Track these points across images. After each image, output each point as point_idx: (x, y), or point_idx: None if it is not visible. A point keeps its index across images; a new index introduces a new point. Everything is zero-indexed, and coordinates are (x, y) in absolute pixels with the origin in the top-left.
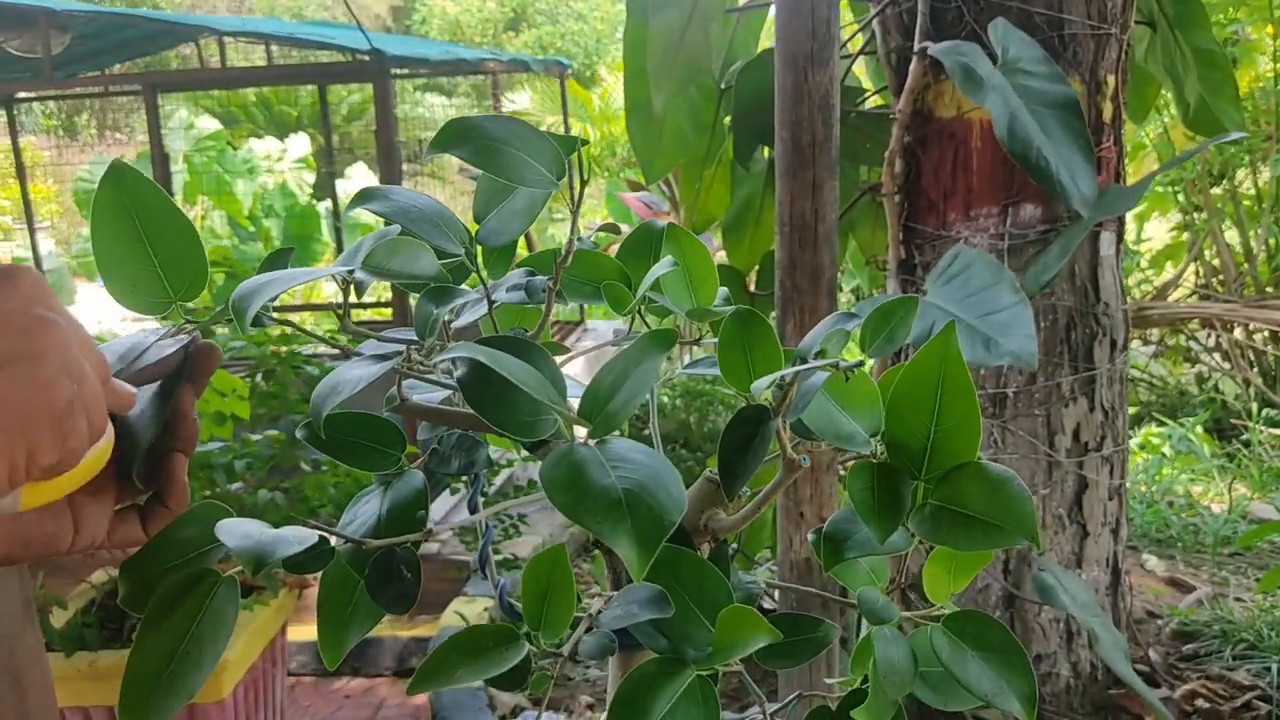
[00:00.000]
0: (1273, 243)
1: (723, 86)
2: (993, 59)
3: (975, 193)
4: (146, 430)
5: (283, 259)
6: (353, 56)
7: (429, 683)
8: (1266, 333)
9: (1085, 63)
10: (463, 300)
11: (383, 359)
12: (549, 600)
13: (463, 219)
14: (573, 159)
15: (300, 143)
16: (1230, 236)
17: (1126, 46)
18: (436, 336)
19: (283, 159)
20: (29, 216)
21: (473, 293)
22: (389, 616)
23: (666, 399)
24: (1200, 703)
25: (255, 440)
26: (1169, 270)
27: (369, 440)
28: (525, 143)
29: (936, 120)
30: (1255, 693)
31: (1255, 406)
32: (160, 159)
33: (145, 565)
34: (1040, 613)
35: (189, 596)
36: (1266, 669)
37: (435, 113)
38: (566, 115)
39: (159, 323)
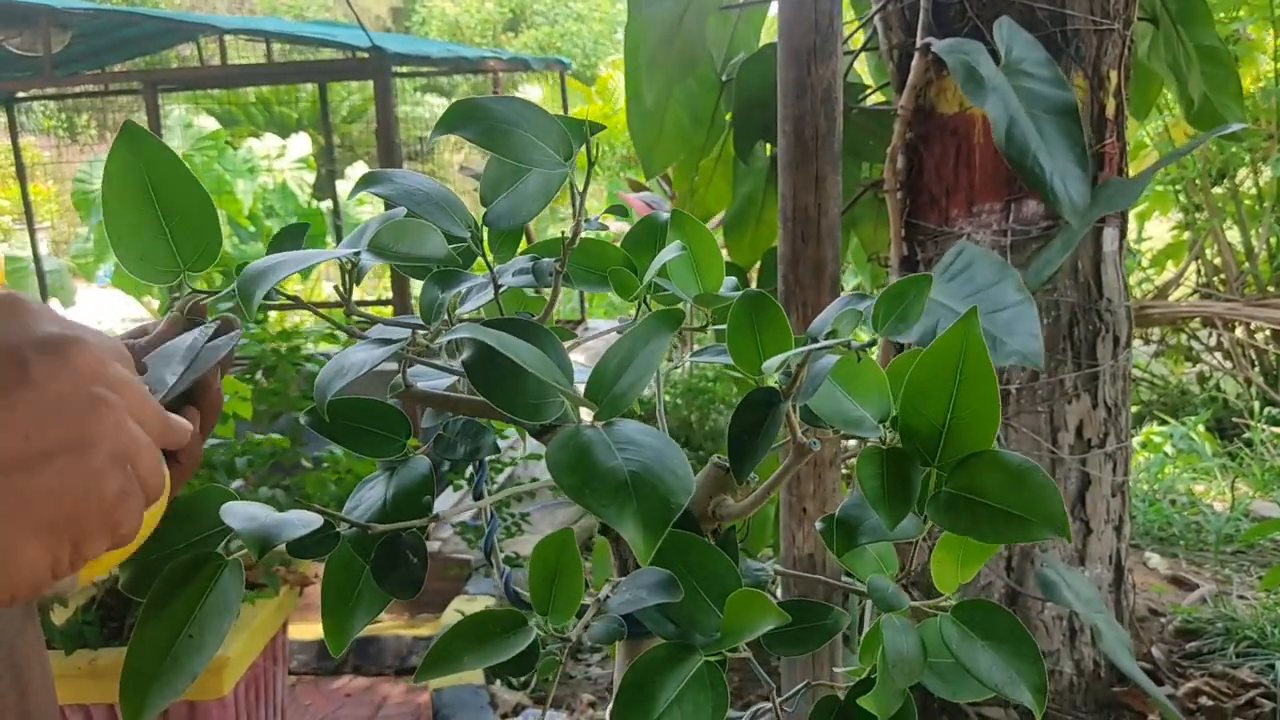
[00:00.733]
0: (1274, 241)
1: (724, 79)
2: (996, 57)
3: (978, 188)
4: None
5: (293, 237)
6: (353, 54)
7: (435, 670)
8: (1268, 331)
9: (1088, 58)
10: (469, 284)
11: (388, 343)
12: (557, 583)
13: None
14: (588, 144)
15: (300, 142)
16: (1231, 235)
17: (1129, 42)
18: (442, 321)
19: (283, 157)
20: (29, 217)
21: (479, 277)
22: (390, 615)
23: (668, 397)
24: (1204, 700)
25: (258, 439)
26: (1170, 269)
27: (373, 426)
28: (533, 124)
29: (939, 116)
30: (1259, 690)
31: (1257, 405)
32: None
33: (147, 551)
34: (1043, 610)
35: (193, 580)
36: (1270, 666)
37: (435, 112)
38: (567, 114)
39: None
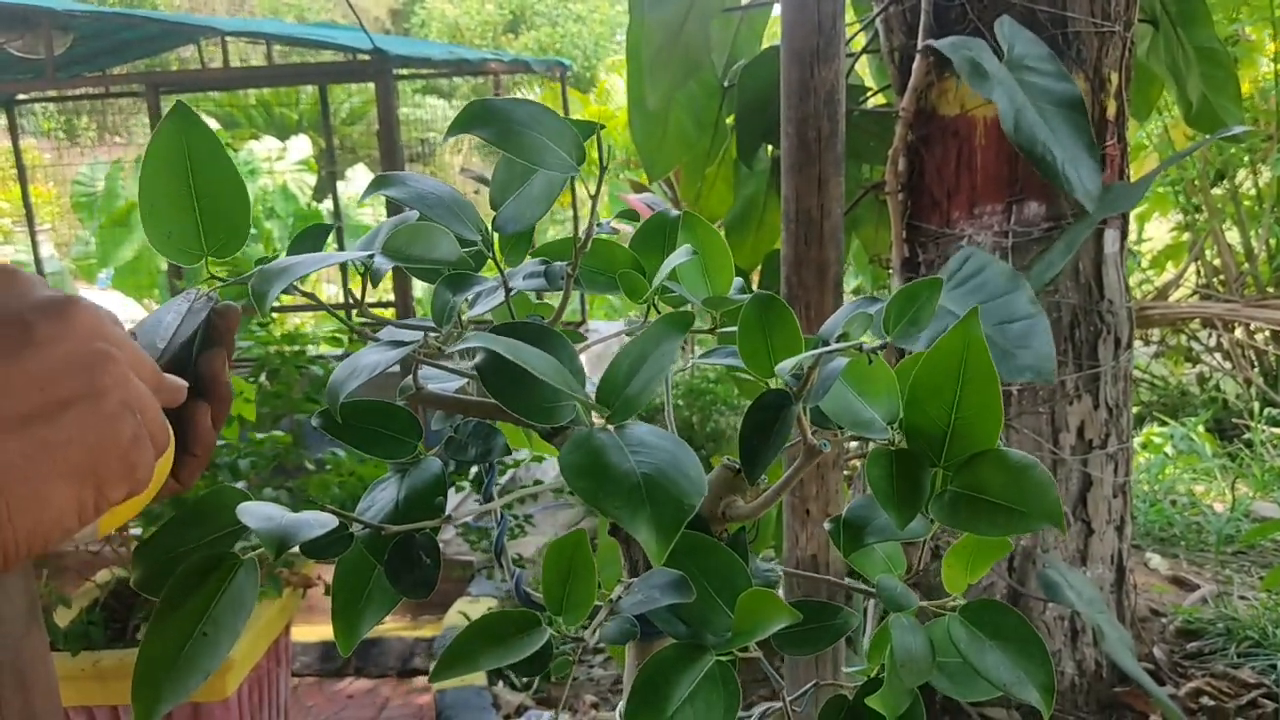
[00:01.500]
0: (1273, 242)
1: (726, 84)
2: (998, 56)
3: (979, 190)
4: None
5: (314, 238)
6: (354, 56)
7: (452, 670)
8: (1267, 332)
9: (1089, 60)
10: (480, 288)
11: (400, 345)
12: (570, 584)
13: None
14: (600, 146)
15: (300, 145)
16: (1231, 236)
17: (1130, 44)
18: (454, 324)
19: (283, 159)
20: (29, 219)
21: (490, 280)
22: (393, 617)
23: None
24: (1205, 700)
25: (260, 438)
26: (1170, 270)
27: (384, 428)
28: (547, 127)
29: (940, 118)
30: (1260, 690)
31: (1257, 406)
32: None
33: (159, 549)
34: (1045, 610)
35: (208, 579)
36: (1271, 666)
37: (435, 114)
38: (567, 116)
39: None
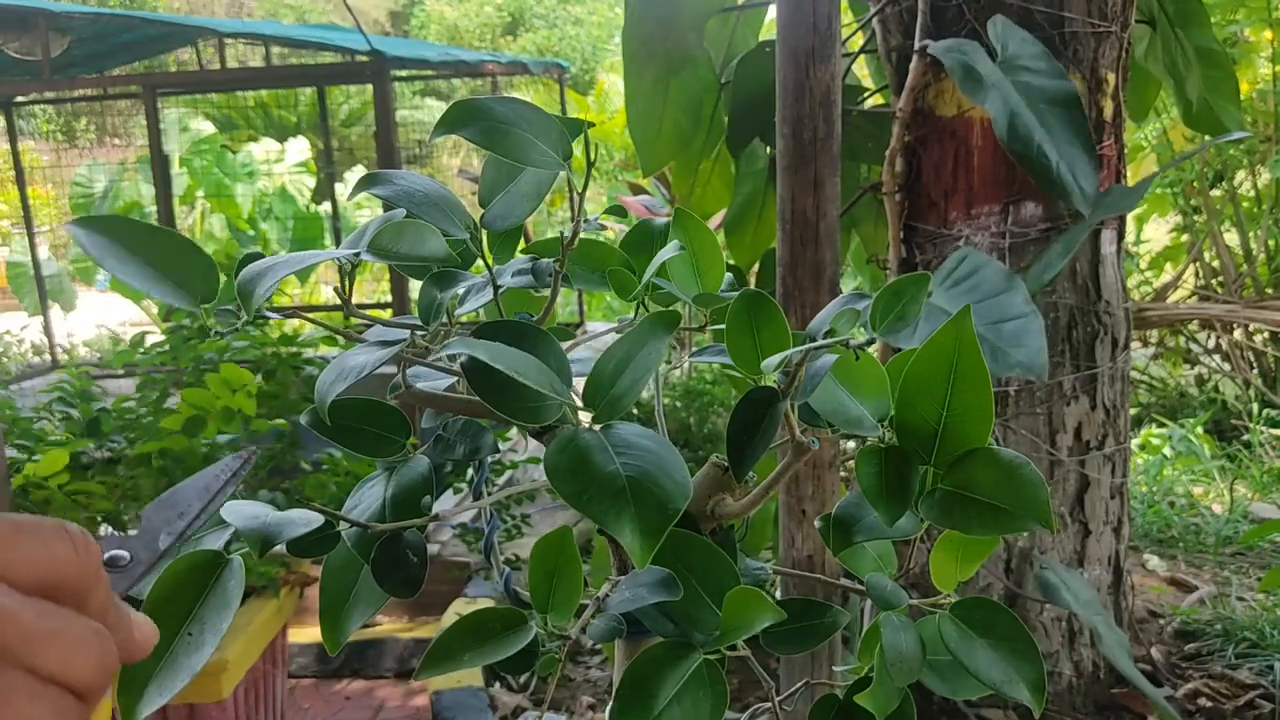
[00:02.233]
0: (1272, 244)
1: (723, 81)
2: (992, 56)
3: (976, 191)
4: None
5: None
6: (352, 58)
7: (436, 667)
8: (1266, 334)
9: (1086, 60)
10: (468, 285)
11: (387, 345)
12: (556, 582)
13: None
14: (587, 144)
15: (299, 146)
16: (1230, 238)
17: (1127, 44)
18: (441, 322)
19: (281, 161)
20: (28, 221)
21: (478, 277)
22: (390, 618)
23: (667, 399)
24: (1203, 701)
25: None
26: (1168, 272)
27: (372, 426)
28: (532, 124)
29: (937, 119)
30: (1258, 691)
31: (1255, 407)
32: (160, 162)
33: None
34: (1042, 612)
35: (193, 578)
36: (1269, 667)
37: (434, 116)
38: (564, 116)
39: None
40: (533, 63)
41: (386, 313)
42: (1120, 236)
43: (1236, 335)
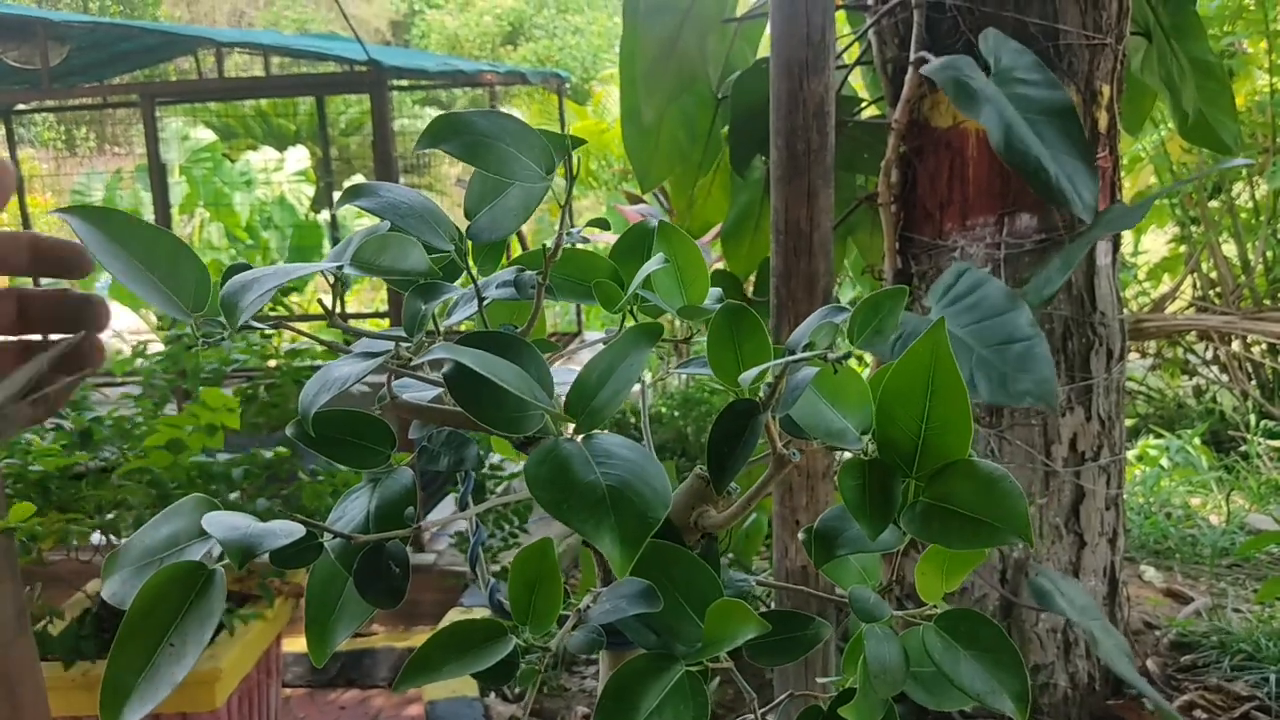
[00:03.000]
0: (1270, 255)
1: (720, 96)
2: (986, 70)
3: (971, 202)
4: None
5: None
6: (351, 68)
7: (416, 678)
8: (1264, 345)
9: (1080, 73)
10: (454, 297)
11: (371, 356)
12: (536, 593)
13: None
14: (569, 158)
15: (298, 155)
16: (1227, 249)
17: (1122, 56)
18: (426, 333)
19: (280, 170)
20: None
21: (463, 289)
22: (385, 628)
23: (665, 409)
24: (1199, 714)
25: (251, 454)
26: (1166, 283)
27: (357, 438)
28: (516, 138)
29: (932, 130)
30: (1253, 703)
31: (1253, 418)
32: (158, 170)
33: (130, 559)
34: (1038, 623)
35: (173, 590)
36: (1264, 679)
37: None
38: (564, 128)
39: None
40: (532, 72)
41: (384, 322)
42: (1115, 248)
43: (1234, 346)
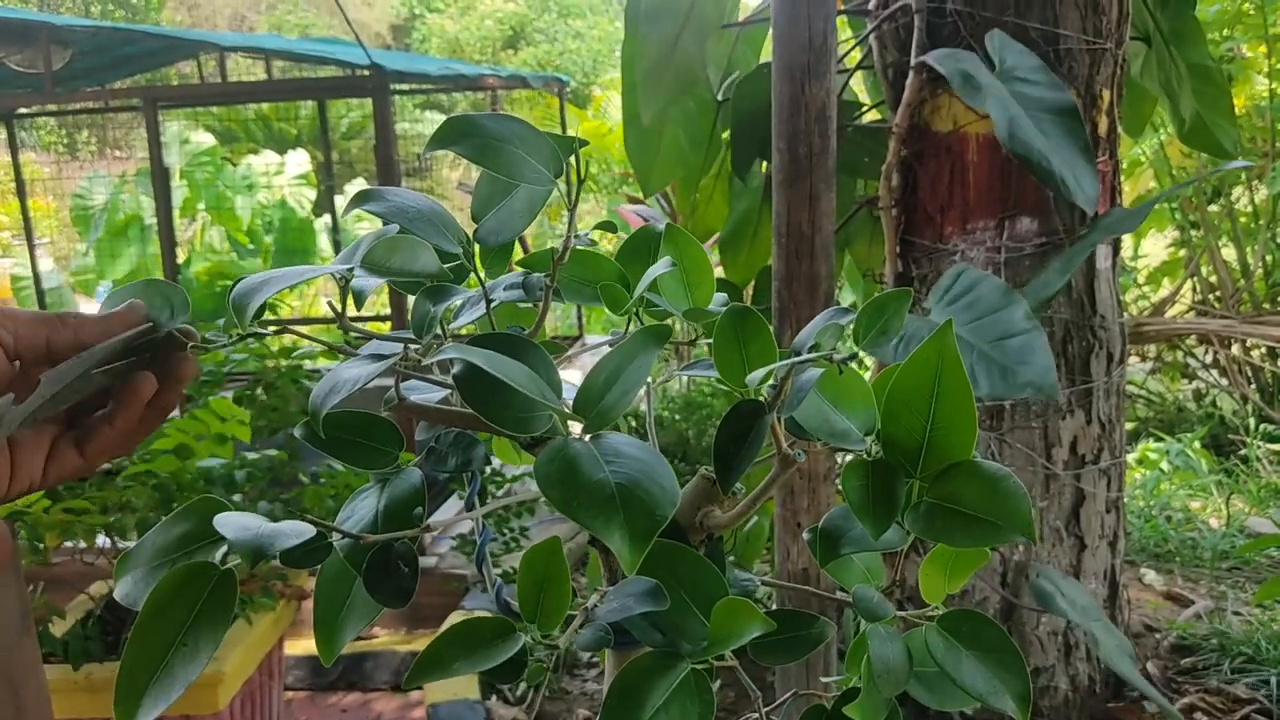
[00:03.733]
0: (1269, 259)
1: (721, 100)
2: (990, 69)
3: (972, 206)
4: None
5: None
6: (352, 72)
7: (426, 675)
8: (1264, 349)
9: (1080, 77)
10: (460, 299)
11: (380, 358)
12: (545, 592)
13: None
14: (578, 160)
15: (299, 159)
16: (1227, 253)
17: (1122, 61)
18: (434, 336)
19: (281, 174)
20: (29, 233)
21: (471, 292)
22: (387, 631)
23: (666, 412)
24: (1199, 716)
25: (255, 456)
26: (1166, 286)
27: (366, 439)
28: (524, 141)
29: (933, 134)
30: (1254, 706)
31: (1253, 422)
32: (160, 174)
33: (142, 560)
34: (1039, 625)
35: (186, 590)
36: (1265, 682)
37: (433, 129)
38: (565, 132)
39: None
40: (533, 76)
41: (385, 325)
42: (1115, 252)
43: (1234, 350)
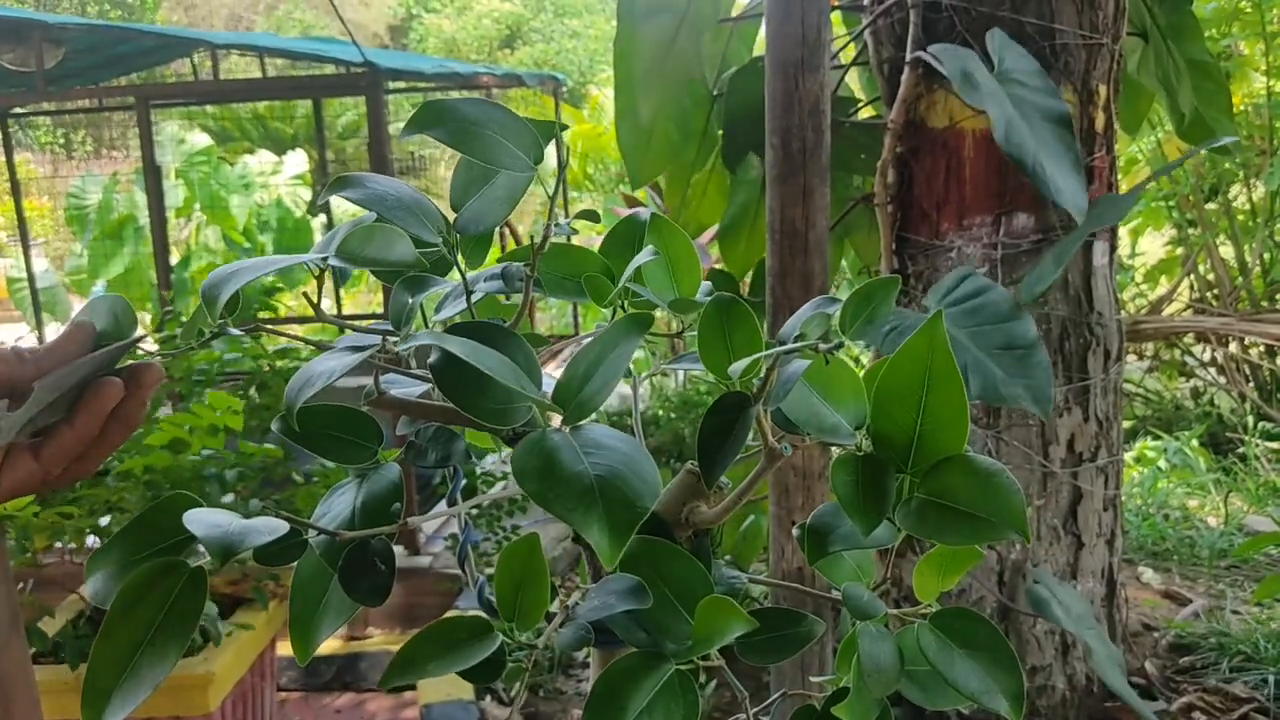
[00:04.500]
0: (1267, 257)
1: (715, 94)
2: (988, 67)
3: (968, 202)
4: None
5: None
6: (347, 70)
7: (401, 675)
8: (1261, 347)
9: (1077, 72)
10: (440, 289)
11: (357, 350)
12: (523, 590)
13: None
14: (560, 146)
15: (296, 159)
16: (1225, 251)
17: (1119, 57)
18: (412, 328)
19: (278, 173)
20: (23, 233)
21: (450, 282)
22: (381, 632)
23: (661, 411)
24: (1197, 715)
25: (250, 449)
26: (1163, 285)
27: (343, 433)
28: (503, 126)
29: (929, 130)
30: (1252, 705)
31: (1251, 420)
32: (153, 173)
33: (113, 558)
34: (1035, 625)
35: (155, 588)
36: (1263, 681)
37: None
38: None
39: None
40: (528, 75)
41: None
42: (1112, 248)
43: (1232, 348)
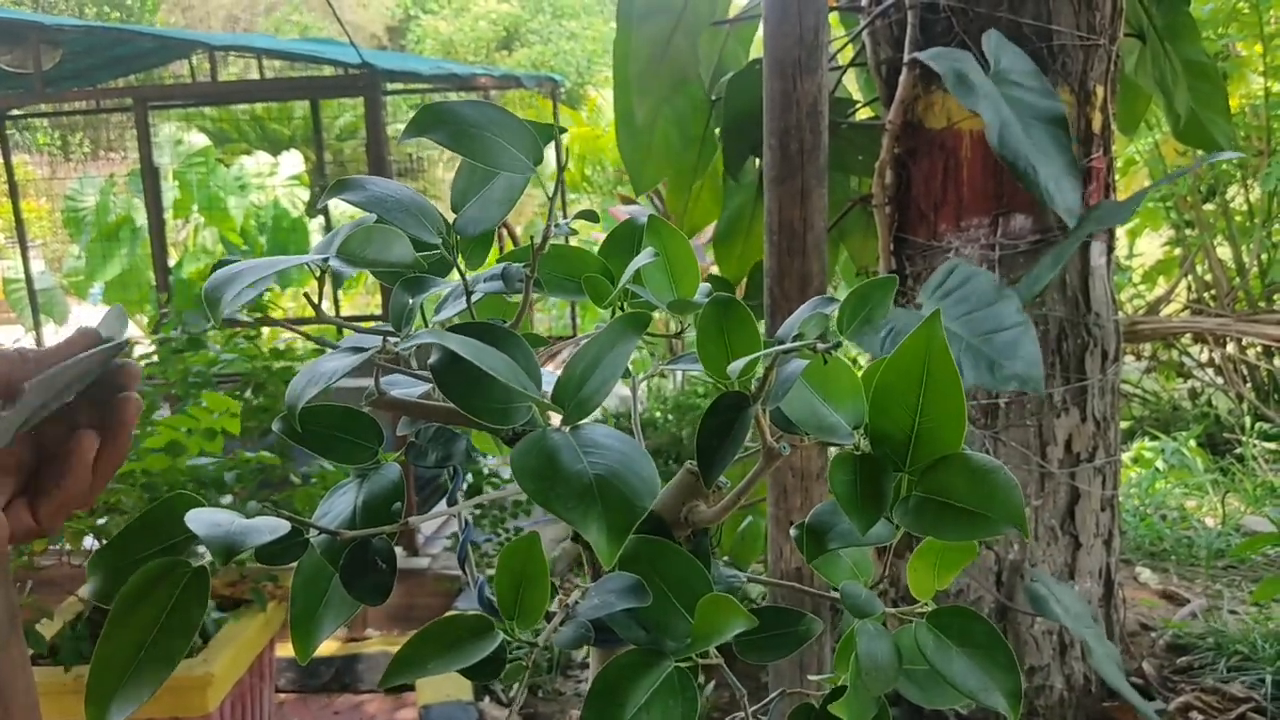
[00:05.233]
0: (1265, 258)
1: (713, 98)
2: (984, 69)
3: (966, 203)
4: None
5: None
6: (345, 71)
7: (401, 674)
8: (1259, 347)
9: (1074, 73)
10: (440, 290)
11: (359, 350)
12: (523, 589)
13: None
14: (559, 148)
15: (293, 160)
16: (1222, 252)
17: (1116, 57)
18: (412, 328)
19: (275, 174)
20: (21, 235)
21: (450, 283)
22: (380, 633)
23: (659, 413)
24: (1195, 715)
25: (247, 456)
26: (1161, 285)
27: (344, 433)
28: (502, 128)
29: (927, 131)
30: (1249, 705)
31: (1248, 421)
32: (150, 174)
33: (115, 558)
34: (1034, 625)
35: (157, 588)
36: (1261, 681)
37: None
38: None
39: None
40: (526, 76)
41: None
42: (1110, 249)
43: (1229, 349)
